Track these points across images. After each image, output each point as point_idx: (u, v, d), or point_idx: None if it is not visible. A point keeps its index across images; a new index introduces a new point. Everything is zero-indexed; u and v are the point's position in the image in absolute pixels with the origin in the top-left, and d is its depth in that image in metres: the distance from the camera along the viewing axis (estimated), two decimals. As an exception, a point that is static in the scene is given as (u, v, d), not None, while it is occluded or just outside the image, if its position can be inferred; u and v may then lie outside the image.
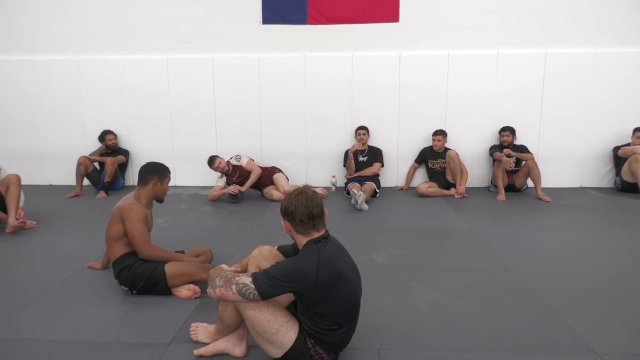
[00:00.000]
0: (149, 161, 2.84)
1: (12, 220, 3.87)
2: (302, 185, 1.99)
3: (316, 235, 1.85)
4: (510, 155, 5.23)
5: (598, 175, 5.77)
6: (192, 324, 2.21)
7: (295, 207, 1.81)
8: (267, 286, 1.72)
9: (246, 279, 1.75)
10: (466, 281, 2.86)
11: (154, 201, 2.83)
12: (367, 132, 5.62)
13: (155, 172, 2.74)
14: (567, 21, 5.57)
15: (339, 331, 1.85)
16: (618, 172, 5.49)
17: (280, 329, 1.81)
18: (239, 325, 2.00)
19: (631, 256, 3.30)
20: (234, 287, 1.75)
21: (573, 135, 5.67)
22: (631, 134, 5.38)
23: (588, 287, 2.75)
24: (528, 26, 5.61)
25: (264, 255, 2.07)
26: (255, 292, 1.72)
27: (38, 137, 6.08)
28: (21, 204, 4.06)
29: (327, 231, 1.91)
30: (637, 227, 4.03)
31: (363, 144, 5.61)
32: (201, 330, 2.16)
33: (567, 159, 5.71)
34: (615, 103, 5.57)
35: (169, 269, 2.61)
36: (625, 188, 5.34)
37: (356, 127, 5.67)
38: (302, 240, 1.86)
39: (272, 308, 1.83)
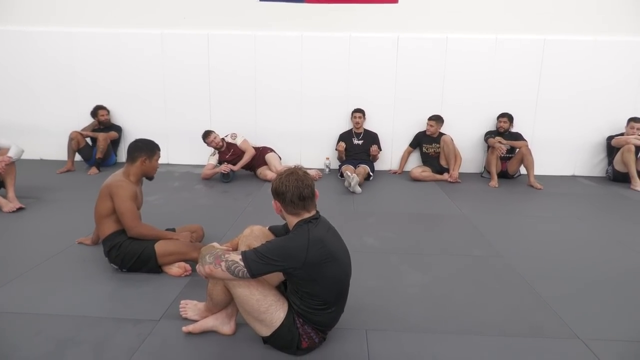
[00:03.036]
0: (138, 138, 2.78)
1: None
2: (293, 166, 1.97)
3: (307, 215, 1.84)
4: (502, 143, 5.22)
5: (590, 164, 5.79)
6: (182, 301, 2.22)
7: (286, 188, 1.80)
8: (257, 264, 1.72)
9: (236, 257, 1.75)
10: (456, 265, 2.89)
11: (145, 179, 2.80)
12: (363, 114, 5.59)
13: (144, 149, 2.70)
14: (567, 8, 5.50)
15: (327, 311, 1.86)
16: (610, 162, 5.51)
17: (269, 307, 1.82)
18: (228, 303, 2.00)
19: (619, 245, 3.34)
20: (223, 264, 1.75)
21: (568, 123, 5.66)
22: (625, 124, 5.39)
23: (575, 274, 2.79)
24: (528, 12, 5.53)
25: (255, 235, 2.07)
26: (245, 269, 1.72)
27: (29, 111, 5.98)
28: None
29: (318, 212, 1.91)
30: (627, 216, 4.07)
31: (359, 127, 5.59)
32: (191, 307, 2.17)
33: (561, 146, 5.72)
34: (612, 92, 5.56)
35: (159, 247, 2.60)
36: (617, 177, 5.38)
37: (352, 109, 5.63)
38: (292, 221, 1.86)
39: (262, 287, 1.84)
